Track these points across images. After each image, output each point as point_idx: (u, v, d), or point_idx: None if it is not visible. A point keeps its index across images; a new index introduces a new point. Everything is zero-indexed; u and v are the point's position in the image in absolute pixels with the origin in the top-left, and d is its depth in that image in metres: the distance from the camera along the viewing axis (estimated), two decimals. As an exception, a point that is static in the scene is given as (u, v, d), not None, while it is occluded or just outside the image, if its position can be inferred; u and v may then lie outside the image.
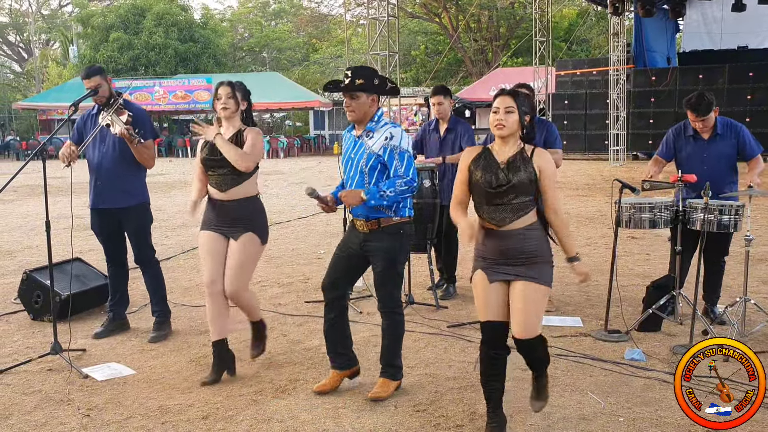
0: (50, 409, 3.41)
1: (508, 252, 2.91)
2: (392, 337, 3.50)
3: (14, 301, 5.32)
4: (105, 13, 33.72)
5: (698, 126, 4.43)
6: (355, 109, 3.36)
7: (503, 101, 2.92)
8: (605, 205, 2.97)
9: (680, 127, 4.63)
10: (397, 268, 3.48)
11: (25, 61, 44.33)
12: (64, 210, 9.44)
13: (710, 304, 4.66)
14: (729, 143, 4.44)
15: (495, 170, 2.94)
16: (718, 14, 19.07)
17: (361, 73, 3.36)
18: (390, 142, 3.34)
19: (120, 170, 4.39)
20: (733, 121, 4.53)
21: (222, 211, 3.81)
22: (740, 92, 17.80)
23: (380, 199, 3.28)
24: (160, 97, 28.55)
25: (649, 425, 3.12)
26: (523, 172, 2.90)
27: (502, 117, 2.91)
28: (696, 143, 4.51)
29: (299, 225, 9.42)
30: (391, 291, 3.46)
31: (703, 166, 4.38)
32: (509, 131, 2.93)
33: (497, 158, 2.97)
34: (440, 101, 5.32)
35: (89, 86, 4.31)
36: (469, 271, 3.11)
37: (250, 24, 43.79)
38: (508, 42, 33.17)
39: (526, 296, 2.87)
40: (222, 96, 3.79)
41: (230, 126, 3.85)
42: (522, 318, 2.88)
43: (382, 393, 3.44)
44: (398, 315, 3.51)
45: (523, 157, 2.94)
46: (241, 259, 3.75)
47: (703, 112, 4.35)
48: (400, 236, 3.42)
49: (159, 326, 4.55)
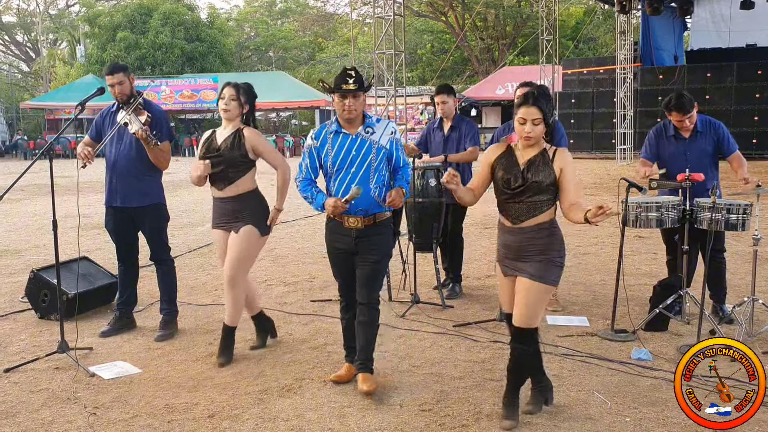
0: (57, 408, 3.42)
1: (517, 248, 3.04)
2: (372, 332, 3.55)
3: (21, 300, 5.34)
4: (112, 13, 33.86)
5: (684, 125, 4.49)
6: (357, 108, 3.46)
7: (530, 113, 2.93)
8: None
9: (660, 128, 4.69)
10: (389, 258, 3.62)
11: (33, 60, 44.55)
12: (71, 209, 9.46)
13: (718, 303, 4.64)
14: (710, 140, 4.53)
15: (515, 171, 3.03)
16: (727, 12, 18.97)
17: (356, 76, 3.44)
18: (395, 136, 3.54)
19: (136, 170, 4.41)
20: (711, 118, 4.62)
21: (223, 208, 3.98)
22: (749, 90, 17.70)
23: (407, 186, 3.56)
24: (166, 97, 28.64)
25: (655, 425, 3.10)
26: (543, 172, 2.98)
27: (530, 129, 2.96)
28: (678, 142, 4.57)
29: (305, 224, 9.42)
30: (380, 284, 3.61)
31: (686, 165, 4.40)
32: (535, 142, 3.01)
33: (519, 159, 3.04)
34: (444, 100, 5.32)
35: (111, 82, 4.37)
36: (475, 270, 3.14)
37: (256, 23, 43.86)
38: (514, 40, 33.09)
39: (527, 292, 3.01)
40: (225, 96, 3.93)
41: (229, 125, 3.99)
42: (520, 310, 3.04)
43: (374, 386, 3.44)
44: (378, 309, 3.58)
45: (545, 157, 3.00)
46: (239, 250, 3.89)
47: (687, 109, 4.41)
48: (390, 229, 3.61)
49: (165, 325, 4.56)
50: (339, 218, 3.49)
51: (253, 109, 4.06)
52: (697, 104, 4.52)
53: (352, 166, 3.46)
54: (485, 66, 33.24)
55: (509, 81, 27.21)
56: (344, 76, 3.41)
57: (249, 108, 4.02)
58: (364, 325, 3.52)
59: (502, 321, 4.60)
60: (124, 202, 4.45)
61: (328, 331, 4.53)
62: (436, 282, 5.36)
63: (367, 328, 3.52)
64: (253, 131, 3.97)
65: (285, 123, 37.24)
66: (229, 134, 3.93)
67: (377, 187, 3.45)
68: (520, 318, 3.04)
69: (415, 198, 5.05)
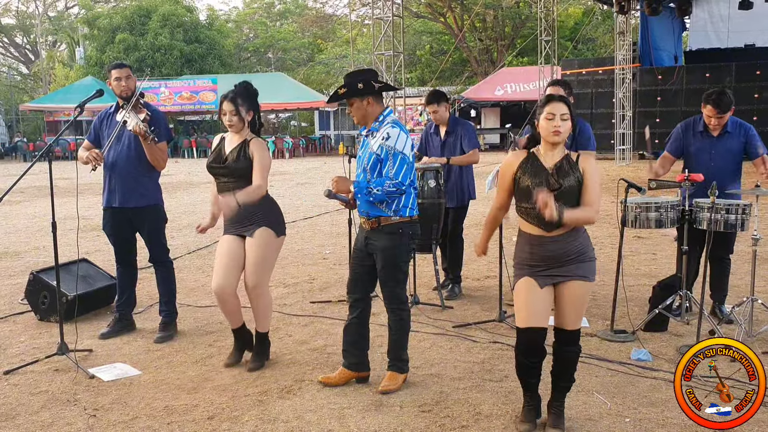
0: (57, 410, 3.42)
1: (556, 257, 2.95)
2: (398, 332, 3.57)
3: (21, 302, 5.34)
4: (111, 15, 33.85)
5: (713, 122, 4.42)
6: (354, 113, 3.50)
7: (559, 108, 2.92)
8: (611, 205, 2.96)
9: (690, 122, 4.63)
10: (399, 267, 3.51)
11: (32, 62, 44.55)
12: (70, 211, 9.46)
13: (718, 303, 4.64)
14: (737, 141, 4.46)
15: (545, 176, 2.95)
16: (725, 12, 18.98)
17: (347, 83, 3.46)
18: (386, 143, 3.39)
19: (134, 170, 4.41)
20: (742, 120, 4.56)
21: (233, 215, 3.82)
22: (747, 91, 17.68)
23: (366, 194, 3.37)
24: (165, 98, 28.62)
25: (655, 426, 3.10)
26: (572, 176, 2.93)
27: (559, 124, 2.92)
28: (705, 139, 4.51)
29: (304, 225, 9.42)
30: (393, 289, 3.52)
31: (710, 163, 4.39)
32: (564, 137, 2.96)
33: (544, 163, 2.98)
34: (435, 109, 5.28)
35: (119, 75, 4.38)
36: (475, 271, 3.12)
37: (255, 25, 43.85)
38: (513, 41, 33.10)
39: (576, 294, 2.97)
40: (226, 112, 3.84)
41: (236, 135, 3.91)
42: (572, 313, 2.99)
43: (392, 386, 3.51)
44: (404, 311, 3.57)
45: (569, 161, 2.96)
46: (258, 253, 3.80)
47: (723, 110, 4.36)
48: (399, 235, 3.47)
49: (165, 327, 4.56)
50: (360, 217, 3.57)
51: (257, 109, 3.95)
52: (734, 108, 4.42)
53: (359, 167, 3.56)
54: (484, 67, 33.24)
55: (508, 82, 27.21)
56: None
57: (254, 112, 3.90)
58: (389, 326, 3.61)
59: (501, 322, 4.60)
60: (122, 203, 4.45)
61: (328, 333, 4.53)
62: (435, 283, 5.36)
63: (391, 328, 3.59)
64: (259, 143, 3.86)
65: (284, 124, 37.24)
66: (236, 145, 3.86)
67: None
68: (575, 321, 3.01)
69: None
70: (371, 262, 3.54)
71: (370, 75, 3.52)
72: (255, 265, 3.80)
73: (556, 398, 3.09)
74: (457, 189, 5.34)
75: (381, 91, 3.54)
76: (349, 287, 3.66)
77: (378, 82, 3.50)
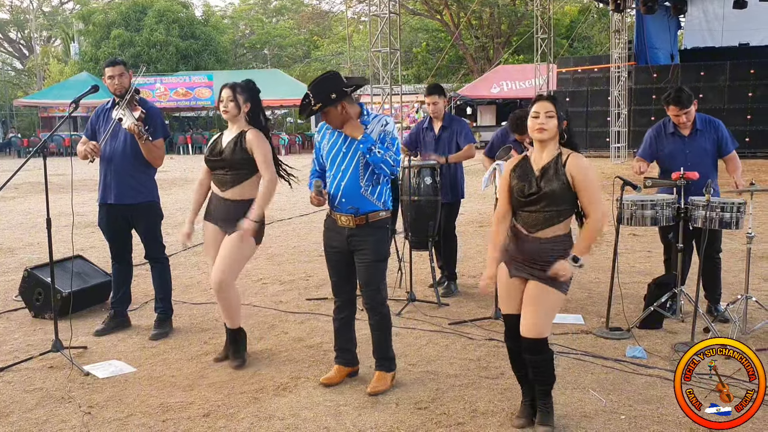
0: (51, 407, 3.41)
1: (531, 256, 2.96)
2: (383, 332, 3.56)
3: (15, 299, 5.32)
4: (106, 11, 33.72)
5: (681, 120, 4.46)
6: (331, 122, 3.46)
7: (543, 106, 2.95)
8: (607, 203, 2.97)
9: (660, 126, 4.67)
10: (384, 262, 3.54)
11: (27, 58, 44.32)
12: (65, 207, 9.44)
13: (713, 303, 4.65)
14: (710, 139, 4.50)
15: (529, 178, 2.98)
16: (720, 11, 19.02)
17: (316, 95, 3.37)
18: (385, 128, 3.45)
19: (130, 167, 4.39)
20: (710, 116, 4.60)
21: (222, 208, 3.90)
22: (742, 89, 17.76)
23: (368, 151, 3.34)
24: (161, 94, 28.52)
25: (650, 423, 3.11)
26: (555, 180, 2.93)
27: (543, 121, 2.94)
28: (678, 140, 4.55)
29: (300, 222, 9.41)
30: (378, 286, 3.49)
31: (686, 163, 4.39)
32: (549, 135, 2.96)
33: (533, 166, 3.01)
34: (435, 101, 5.30)
35: (112, 74, 4.36)
36: (471, 268, 3.11)
37: (251, 21, 43.76)
38: (509, 39, 33.10)
39: (537, 298, 2.92)
40: (224, 99, 3.88)
41: (234, 126, 3.93)
42: (530, 318, 2.93)
43: (382, 386, 3.50)
44: (385, 308, 3.55)
45: (557, 164, 2.96)
46: (234, 252, 3.80)
47: (685, 104, 4.40)
48: (386, 230, 3.52)
49: (160, 324, 4.55)
50: (333, 215, 3.49)
51: (257, 105, 3.96)
52: (696, 101, 4.48)
53: (342, 162, 3.46)
54: (480, 64, 33.26)
55: (504, 79, 27.23)
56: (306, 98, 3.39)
57: (251, 105, 3.92)
58: (372, 328, 3.57)
59: (497, 319, 4.61)
60: (118, 199, 4.43)
61: (324, 330, 4.52)
62: (431, 280, 5.37)
63: (374, 330, 3.56)
64: (256, 134, 3.87)
65: (280, 121, 37.18)
66: (233, 137, 3.88)
67: (368, 185, 3.42)
68: (532, 327, 2.91)
69: (411, 196, 5.05)
70: (353, 260, 3.52)
71: (337, 81, 3.42)
72: (225, 260, 3.78)
73: (539, 398, 3.07)
74: (450, 185, 5.34)
75: (353, 91, 3.52)
76: (336, 290, 3.63)
77: (347, 85, 3.44)
